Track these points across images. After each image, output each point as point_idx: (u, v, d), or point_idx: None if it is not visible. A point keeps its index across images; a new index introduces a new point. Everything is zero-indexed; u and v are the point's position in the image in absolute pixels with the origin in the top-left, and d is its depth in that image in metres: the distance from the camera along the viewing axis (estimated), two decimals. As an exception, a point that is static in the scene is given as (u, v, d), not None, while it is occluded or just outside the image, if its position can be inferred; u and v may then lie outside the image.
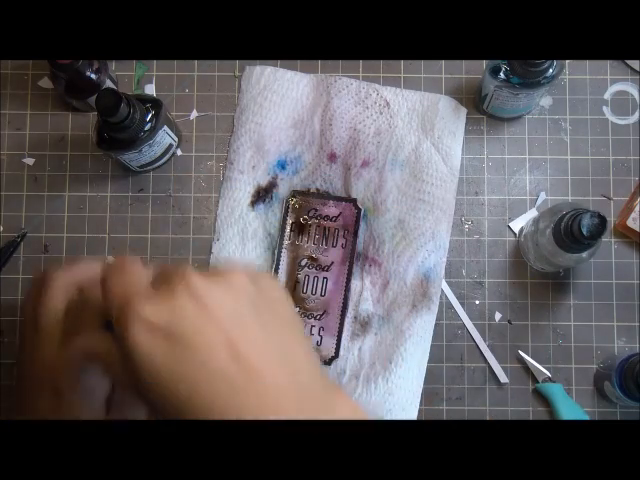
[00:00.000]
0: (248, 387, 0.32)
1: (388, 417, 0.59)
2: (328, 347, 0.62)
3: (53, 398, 0.46)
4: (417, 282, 0.62)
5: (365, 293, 0.62)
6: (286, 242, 0.62)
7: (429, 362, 0.62)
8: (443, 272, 0.63)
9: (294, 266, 0.62)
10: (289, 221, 0.63)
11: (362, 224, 0.63)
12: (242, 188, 0.64)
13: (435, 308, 0.62)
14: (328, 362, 0.61)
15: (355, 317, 0.62)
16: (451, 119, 0.64)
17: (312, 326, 0.61)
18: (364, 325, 0.62)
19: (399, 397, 0.60)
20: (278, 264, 0.62)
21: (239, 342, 0.32)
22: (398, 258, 0.62)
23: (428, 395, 0.62)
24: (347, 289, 0.62)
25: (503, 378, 0.62)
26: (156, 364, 0.32)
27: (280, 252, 0.62)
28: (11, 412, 0.51)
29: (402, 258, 0.62)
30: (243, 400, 0.32)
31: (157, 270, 0.36)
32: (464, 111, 0.64)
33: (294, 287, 0.62)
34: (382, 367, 0.60)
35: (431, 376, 0.62)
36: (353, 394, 0.60)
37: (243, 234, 0.63)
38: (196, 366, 0.32)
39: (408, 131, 0.64)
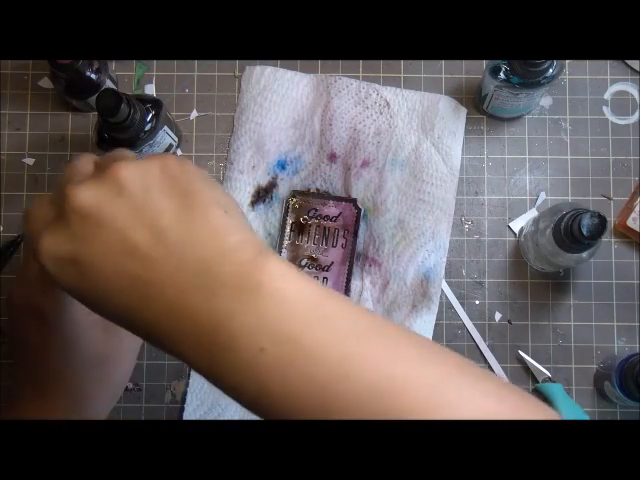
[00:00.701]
0: (156, 286, 0.32)
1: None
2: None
3: (40, 326, 0.47)
4: (417, 282, 0.62)
5: (365, 293, 0.62)
6: (286, 242, 0.62)
7: (429, 362, 0.62)
8: (443, 272, 0.63)
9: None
10: (289, 221, 0.63)
11: (362, 224, 0.63)
12: (242, 188, 0.64)
13: (435, 308, 0.62)
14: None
15: (355, 317, 0.62)
16: (451, 119, 0.64)
17: (312, 326, 0.61)
18: (364, 325, 0.62)
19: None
20: (278, 264, 0.62)
21: (139, 244, 0.32)
22: (398, 258, 0.62)
23: (428, 395, 0.62)
24: (347, 289, 0.62)
25: (503, 378, 0.62)
26: (71, 288, 0.34)
27: (280, 252, 0.62)
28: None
29: (402, 258, 0.62)
30: (157, 301, 0.32)
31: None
32: (464, 111, 0.64)
33: (294, 287, 0.62)
34: (382, 367, 0.60)
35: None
36: None
37: (243, 234, 0.63)
38: (101, 281, 0.32)
39: (408, 131, 0.64)
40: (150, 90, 0.66)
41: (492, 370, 0.62)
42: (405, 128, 0.64)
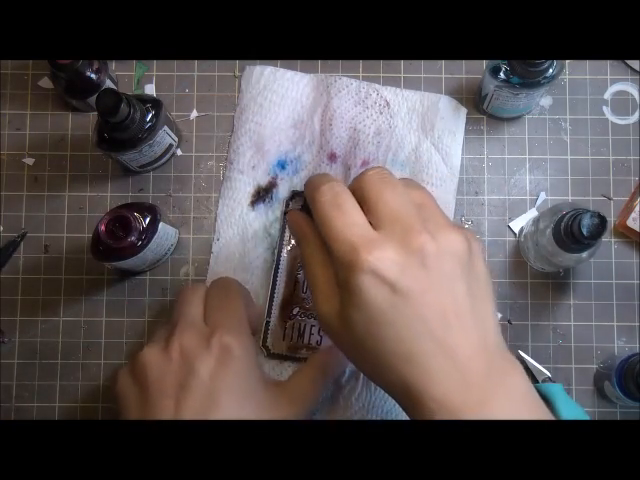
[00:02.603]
0: (446, 349, 0.36)
1: (388, 418, 0.59)
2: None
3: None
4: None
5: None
6: (286, 242, 0.62)
7: (429, 362, 0.62)
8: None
9: (294, 266, 0.62)
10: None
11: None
12: (242, 188, 0.64)
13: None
14: (328, 362, 0.61)
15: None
16: (451, 119, 0.64)
17: (312, 326, 0.61)
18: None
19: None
20: (278, 264, 0.62)
21: (448, 309, 0.36)
22: (398, 258, 0.62)
23: (428, 395, 0.62)
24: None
25: None
26: (375, 309, 0.36)
27: (280, 252, 0.62)
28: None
29: (402, 258, 0.62)
30: (443, 363, 0.36)
31: (384, 212, 0.38)
32: (464, 111, 0.64)
33: (294, 287, 0.62)
34: (382, 367, 0.60)
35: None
36: (353, 394, 0.60)
37: (243, 234, 0.63)
38: (410, 321, 0.36)
39: (408, 131, 0.64)
40: (150, 90, 0.66)
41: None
42: (405, 128, 0.64)
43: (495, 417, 0.35)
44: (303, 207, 0.45)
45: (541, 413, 0.38)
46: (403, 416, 0.38)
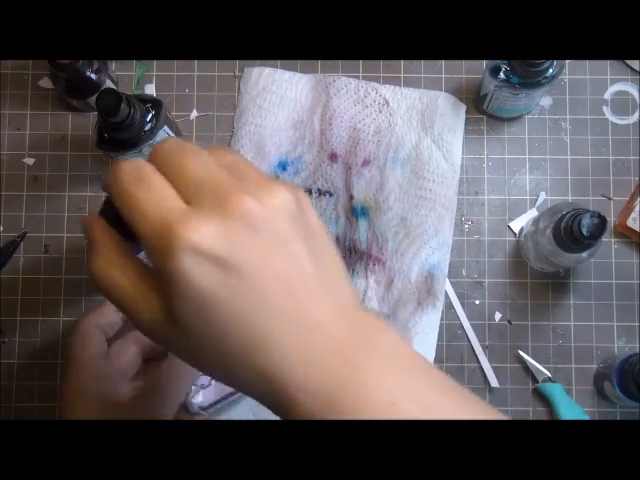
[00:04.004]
0: (301, 325, 0.31)
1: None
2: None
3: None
4: (421, 279, 0.62)
5: (370, 292, 0.62)
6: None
7: (429, 362, 0.62)
8: (447, 269, 0.63)
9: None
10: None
11: (364, 223, 0.63)
12: (242, 188, 0.64)
13: (440, 305, 0.62)
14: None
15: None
16: (450, 116, 0.64)
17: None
18: (367, 324, 0.62)
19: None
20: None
21: (292, 276, 0.31)
22: (402, 256, 0.62)
23: (428, 395, 0.62)
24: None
25: (494, 382, 0.61)
26: (206, 295, 0.29)
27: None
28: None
29: (406, 256, 0.62)
30: (298, 338, 0.30)
31: (188, 181, 0.32)
32: (463, 108, 0.64)
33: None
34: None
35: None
36: None
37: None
38: (252, 301, 0.30)
39: (408, 129, 0.64)
40: (150, 90, 0.66)
41: (484, 371, 0.62)
42: (405, 126, 0.64)
43: (371, 381, 0.30)
44: (101, 211, 0.35)
45: (420, 365, 0.33)
46: None
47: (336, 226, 0.63)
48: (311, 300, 0.31)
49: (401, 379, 0.31)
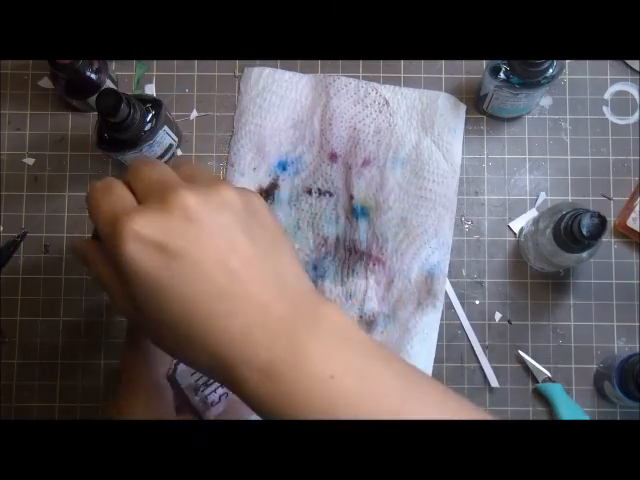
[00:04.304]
0: (240, 303, 0.33)
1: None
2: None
3: None
4: (421, 279, 0.62)
5: (370, 292, 0.62)
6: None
7: (429, 362, 0.62)
8: (447, 269, 0.63)
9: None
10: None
11: (364, 223, 0.63)
12: (242, 189, 0.64)
13: (440, 305, 0.62)
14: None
15: (361, 316, 0.62)
16: (450, 116, 0.64)
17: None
18: (370, 324, 0.62)
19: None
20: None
21: (231, 259, 0.33)
22: (402, 256, 0.62)
23: (428, 395, 0.62)
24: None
25: (494, 382, 0.61)
26: (151, 278, 0.33)
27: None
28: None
29: (406, 256, 0.62)
30: (238, 316, 0.33)
31: (141, 184, 0.36)
32: (463, 107, 0.64)
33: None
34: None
35: (431, 376, 0.62)
36: None
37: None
38: (191, 282, 0.33)
39: (408, 129, 0.64)
40: (150, 90, 0.66)
41: (484, 371, 0.62)
42: (405, 126, 0.64)
43: (310, 354, 0.32)
44: (93, 235, 0.41)
45: (359, 339, 0.35)
46: None
47: (336, 226, 0.63)
48: (250, 280, 0.33)
49: (339, 352, 0.33)
